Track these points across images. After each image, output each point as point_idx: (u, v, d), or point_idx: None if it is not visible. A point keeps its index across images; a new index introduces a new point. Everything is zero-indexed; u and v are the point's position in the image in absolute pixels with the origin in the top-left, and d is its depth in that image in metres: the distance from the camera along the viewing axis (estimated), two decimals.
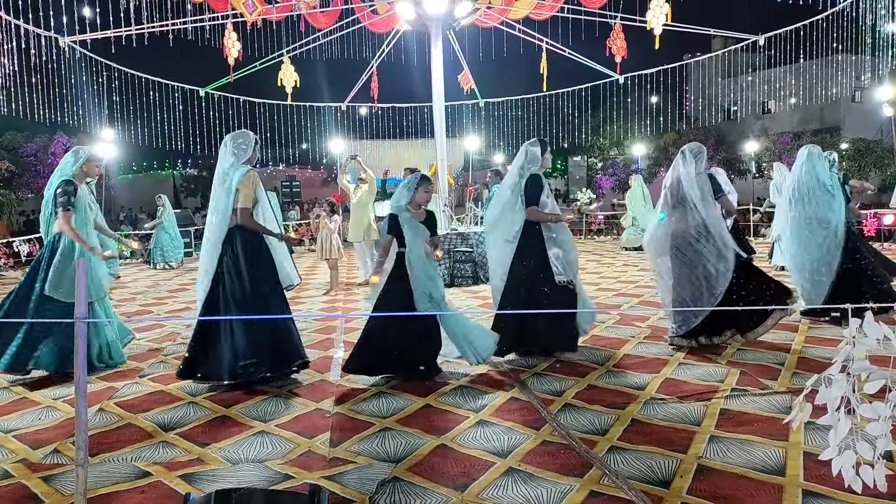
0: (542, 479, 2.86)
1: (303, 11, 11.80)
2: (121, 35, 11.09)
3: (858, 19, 11.63)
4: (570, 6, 12.34)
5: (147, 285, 11.30)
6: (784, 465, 2.91)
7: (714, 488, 2.72)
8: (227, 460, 3.19)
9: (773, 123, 34.30)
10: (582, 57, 13.71)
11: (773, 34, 12.46)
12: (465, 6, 11.10)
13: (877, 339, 1.93)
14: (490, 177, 10.33)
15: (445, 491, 2.78)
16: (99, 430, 3.64)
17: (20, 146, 23.80)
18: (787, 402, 3.73)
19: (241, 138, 4.50)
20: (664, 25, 11.06)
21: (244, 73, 12.99)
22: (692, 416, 3.60)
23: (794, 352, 4.90)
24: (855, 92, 31.53)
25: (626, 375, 4.45)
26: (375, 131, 19.80)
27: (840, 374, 2.02)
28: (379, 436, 3.47)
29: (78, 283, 2.41)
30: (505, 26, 13.18)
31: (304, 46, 13.36)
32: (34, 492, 2.87)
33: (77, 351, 2.40)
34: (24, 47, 10.41)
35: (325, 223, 9.27)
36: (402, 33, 13.38)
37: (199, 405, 4.09)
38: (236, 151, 4.45)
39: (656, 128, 27.88)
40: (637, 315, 6.47)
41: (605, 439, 3.30)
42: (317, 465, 3.11)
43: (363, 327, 4.70)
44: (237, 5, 11.10)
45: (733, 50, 15.80)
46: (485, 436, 3.41)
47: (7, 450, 3.40)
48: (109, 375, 4.83)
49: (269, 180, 43.55)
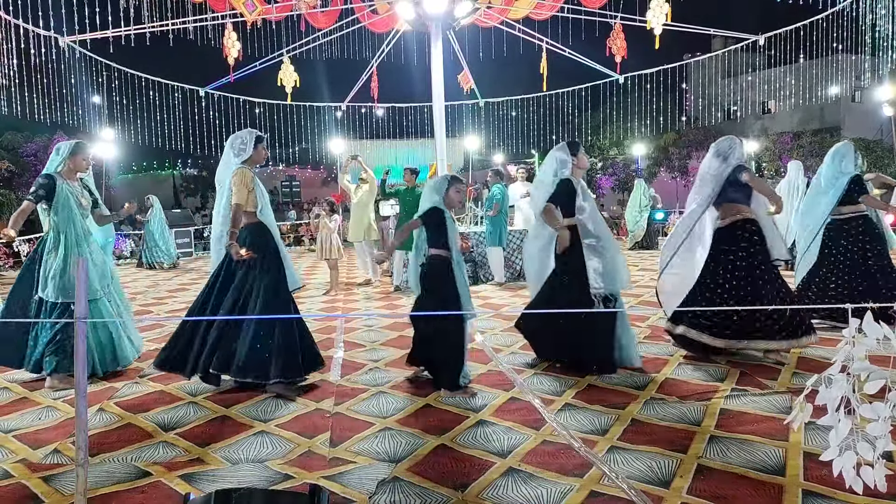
0: (542, 479, 2.86)
1: (303, 11, 11.80)
2: (120, 35, 11.08)
3: (858, 19, 11.63)
4: (570, 6, 12.34)
5: (147, 285, 11.30)
6: (784, 465, 2.91)
7: (714, 488, 2.72)
8: (227, 460, 3.19)
9: (773, 123, 34.33)
10: (582, 57, 13.71)
11: (773, 34, 12.45)
12: (465, 6, 11.10)
13: (876, 340, 1.94)
14: (490, 177, 10.34)
15: (445, 491, 2.78)
16: (99, 430, 3.64)
17: (20, 146, 23.82)
18: (787, 402, 3.73)
19: (238, 139, 4.50)
20: (664, 25, 11.06)
21: (244, 74, 12.99)
22: (692, 416, 3.60)
23: (794, 352, 4.90)
24: (855, 92, 31.55)
25: (626, 375, 4.45)
26: (375, 131, 19.81)
27: (840, 374, 2.02)
28: (379, 436, 3.47)
29: (78, 283, 2.41)
30: (505, 26, 13.17)
31: (304, 46, 13.36)
32: (34, 492, 2.87)
33: (77, 351, 2.40)
34: (24, 47, 10.40)
35: (325, 223, 9.27)
36: (402, 33, 13.38)
37: (199, 405, 4.09)
38: (236, 152, 4.47)
39: (656, 128, 27.86)
40: (637, 315, 6.46)
41: (605, 439, 3.30)
42: (317, 465, 3.11)
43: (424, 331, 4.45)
44: (237, 5, 11.09)
45: (733, 50, 15.79)
46: (485, 436, 3.41)
47: (7, 450, 3.40)
48: (109, 375, 4.83)
49: (270, 180, 43.58)
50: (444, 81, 11.17)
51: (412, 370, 4.61)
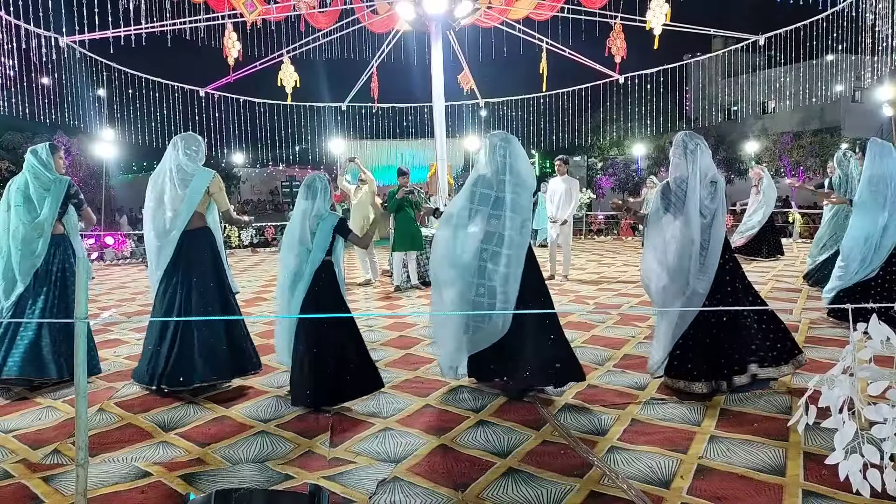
0: (542, 479, 2.86)
1: (303, 11, 11.81)
2: (120, 35, 11.09)
3: (858, 19, 11.63)
4: (570, 6, 12.35)
5: (147, 285, 11.29)
6: (784, 465, 2.91)
7: (714, 488, 2.72)
8: (227, 460, 3.19)
9: (773, 123, 34.31)
10: (582, 57, 13.72)
11: (773, 34, 12.46)
12: (465, 6, 11.09)
13: (880, 341, 1.93)
14: None
15: (445, 491, 2.78)
16: (99, 430, 3.63)
17: (20, 146, 23.80)
18: (788, 402, 3.73)
19: (195, 144, 4.45)
20: (664, 25, 11.06)
21: (244, 74, 12.99)
22: (692, 416, 3.60)
23: None
24: (855, 92, 31.53)
25: (626, 375, 4.45)
26: (375, 131, 19.80)
27: (843, 376, 2.01)
28: (379, 436, 3.47)
29: (78, 283, 2.41)
30: (505, 26, 13.18)
31: (304, 46, 13.37)
32: (34, 492, 2.87)
33: (77, 351, 2.40)
34: (25, 47, 10.41)
35: None
36: (402, 33, 13.38)
37: (199, 405, 4.08)
38: (190, 154, 4.41)
39: (656, 128, 27.85)
40: (637, 315, 6.46)
41: (605, 439, 3.30)
42: (317, 465, 3.11)
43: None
44: (237, 5, 11.10)
45: (733, 50, 15.80)
46: (485, 436, 3.41)
47: (7, 450, 3.39)
48: (109, 375, 4.83)
49: (270, 180, 43.58)
50: (444, 81, 11.18)
51: (412, 373, 4.60)
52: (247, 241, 19.12)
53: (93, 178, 24.45)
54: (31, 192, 4.56)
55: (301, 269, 3.98)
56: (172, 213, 4.34)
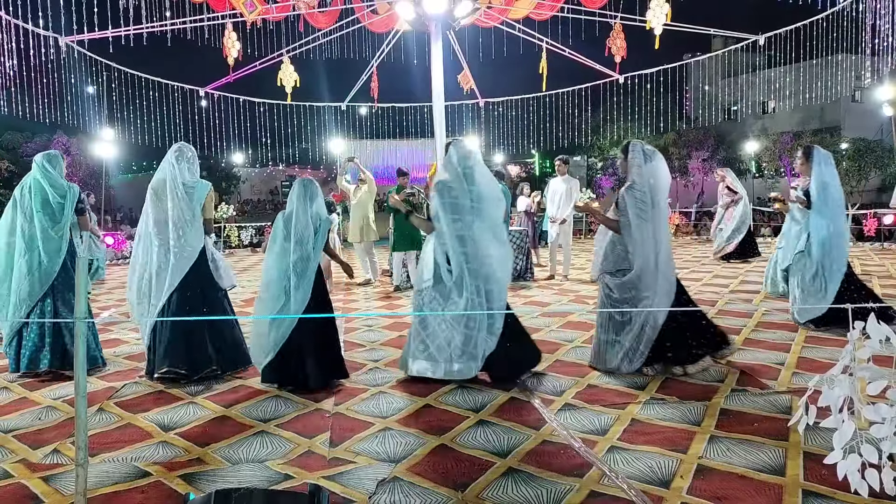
0: (542, 479, 2.86)
1: (302, 11, 11.79)
2: (120, 35, 11.08)
3: (858, 19, 11.63)
4: (570, 6, 12.33)
5: None
6: (784, 465, 2.91)
7: (714, 488, 2.72)
8: (227, 460, 3.19)
9: (773, 123, 34.33)
10: (582, 57, 13.70)
11: (773, 34, 12.45)
12: (465, 6, 11.08)
13: (879, 341, 1.93)
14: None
15: (445, 491, 2.78)
16: (99, 430, 3.64)
17: (20, 146, 23.82)
18: (787, 402, 3.73)
19: (191, 155, 4.77)
20: (664, 25, 11.05)
21: (244, 74, 12.99)
22: (692, 416, 3.60)
23: (794, 352, 4.90)
24: (855, 92, 31.54)
25: (626, 375, 4.45)
26: (375, 131, 19.80)
27: (843, 375, 2.01)
28: (379, 436, 3.47)
29: (78, 282, 2.41)
30: (505, 26, 13.17)
31: (303, 46, 13.35)
32: (34, 492, 2.87)
33: (77, 351, 2.40)
34: (24, 47, 10.40)
35: None
36: (402, 33, 13.37)
37: (199, 405, 4.09)
38: (190, 167, 4.72)
39: (656, 128, 27.86)
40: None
41: (605, 439, 3.30)
42: (317, 465, 3.11)
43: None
44: (237, 5, 11.08)
45: (733, 50, 15.79)
46: (485, 436, 3.41)
47: (7, 450, 3.39)
48: (109, 375, 4.83)
49: (269, 180, 43.59)
50: (444, 81, 11.17)
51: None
52: (246, 240, 19.14)
53: (92, 177, 24.46)
54: (49, 198, 4.86)
55: (302, 269, 4.26)
56: (182, 229, 4.58)
